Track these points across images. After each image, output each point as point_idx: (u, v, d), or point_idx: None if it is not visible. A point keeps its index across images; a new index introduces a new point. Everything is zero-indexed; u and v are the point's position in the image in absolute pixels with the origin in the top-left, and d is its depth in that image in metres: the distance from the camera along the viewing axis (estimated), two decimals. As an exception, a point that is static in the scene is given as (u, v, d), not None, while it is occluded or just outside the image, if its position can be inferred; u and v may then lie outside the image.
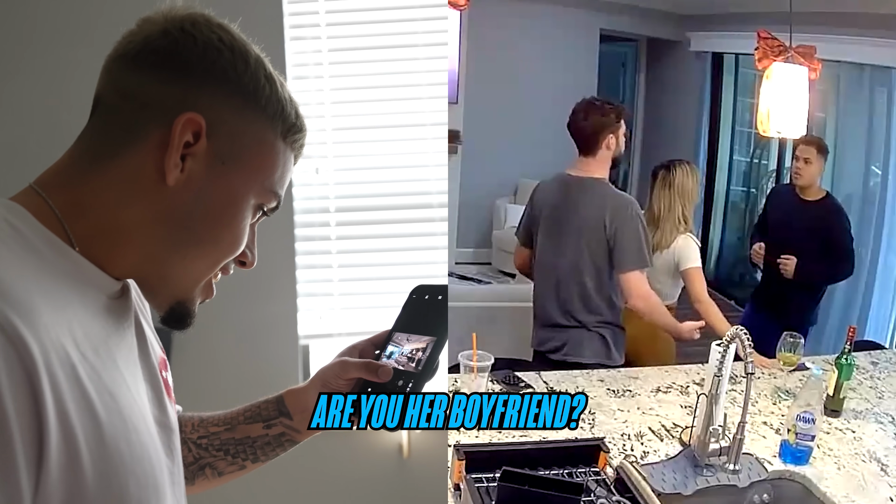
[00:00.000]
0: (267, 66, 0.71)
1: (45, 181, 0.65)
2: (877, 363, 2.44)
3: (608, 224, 2.27)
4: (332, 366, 0.89)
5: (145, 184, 0.65)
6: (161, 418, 0.72)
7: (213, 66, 0.67)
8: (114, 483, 0.59)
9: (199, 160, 0.66)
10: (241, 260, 0.75)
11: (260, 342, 2.23)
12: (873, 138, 4.36)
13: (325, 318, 2.31)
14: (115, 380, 0.62)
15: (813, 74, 2.32)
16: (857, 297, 4.27)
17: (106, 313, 0.66)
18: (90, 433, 0.57)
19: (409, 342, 0.89)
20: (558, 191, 2.41)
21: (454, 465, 1.45)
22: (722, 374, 1.56)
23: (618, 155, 2.37)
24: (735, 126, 6.16)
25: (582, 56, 6.36)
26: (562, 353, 2.38)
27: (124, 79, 0.67)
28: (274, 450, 0.92)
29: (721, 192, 6.40)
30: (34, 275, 0.58)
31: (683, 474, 1.56)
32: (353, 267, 2.32)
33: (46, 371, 0.53)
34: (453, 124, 5.23)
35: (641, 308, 2.28)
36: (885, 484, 1.61)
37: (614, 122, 2.31)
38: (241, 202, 0.71)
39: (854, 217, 4.39)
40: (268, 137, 0.71)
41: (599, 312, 2.36)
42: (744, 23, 4.88)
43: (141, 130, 0.65)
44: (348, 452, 2.24)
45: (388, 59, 2.28)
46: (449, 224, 3.86)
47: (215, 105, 0.67)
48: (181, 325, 0.73)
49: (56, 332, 0.56)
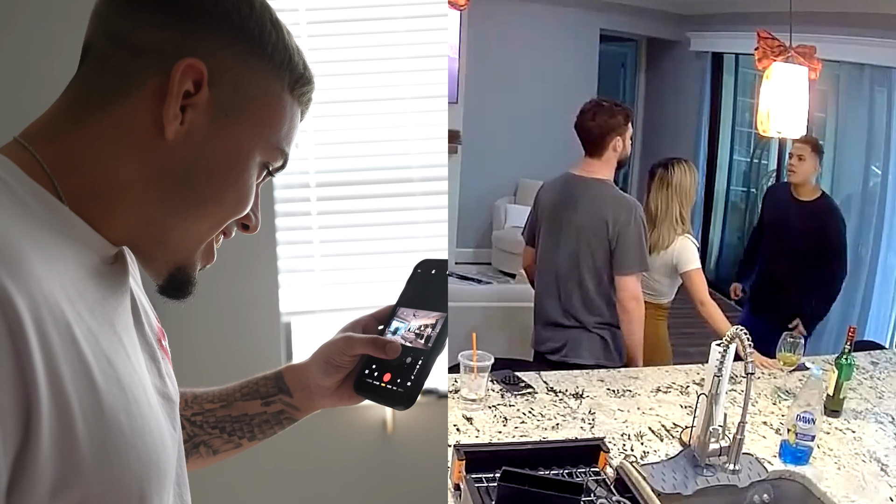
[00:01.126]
0: (272, 11, 0.65)
1: (32, 134, 0.59)
2: (877, 363, 2.44)
3: (611, 226, 2.27)
4: (336, 341, 0.85)
5: (141, 137, 0.60)
6: (162, 388, 0.67)
7: (215, 8, 0.61)
8: (113, 458, 0.54)
9: (201, 111, 0.61)
10: (244, 223, 0.69)
11: (242, 319, 2.20)
12: (873, 138, 4.36)
13: (307, 295, 2.29)
14: (112, 345, 0.57)
15: (813, 74, 2.32)
16: (857, 297, 4.27)
17: (100, 276, 0.60)
18: (87, 402, 0.51)
19: (415, 318, 0.85)
20: (562, 191, 2.41)
21: (454, 465, 1.45)
22: (722, 374, 1.56)
23: (623, 157, 2.37)
24: (735, 126, 6.17)
25: (582, 56, 6.37)
26: (561, 353, 2.38)
27: (116, 22, 0.61)
28: (272, 427, 0.88)
29: (721, 192, 6.40)
30: (22, 227, 0.52)
31: (683, 474, 1.55)
32: (335, 242, 2.30)
33: (36, 330, 0.48)
34: (453, 124, 5.22)
35: (632, 310, 2.29)
36: (885, 484, 1.61)
37: (622, 124, 2.31)
38: (247, 159, 0.65)
39: (854, 217, 4.40)
40: (274, 88, 0.65)
41: (599, 313, 2.36)
42: (744, 23, 4.88)
43: (136, 78, 0.59)
44: (349, 453, 2.24)
45: (386, 58, 2.26)
46: (449, 224, 3.86)
47: (217, 51, 0.61)
48: (181, 293, 0.67)
49: (49, 287, 0.50)
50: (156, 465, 0.59)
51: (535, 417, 1.87)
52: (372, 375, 0.83)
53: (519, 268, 4.64)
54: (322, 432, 1.48)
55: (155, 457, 0.59)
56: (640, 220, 2.29)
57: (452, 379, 1.96)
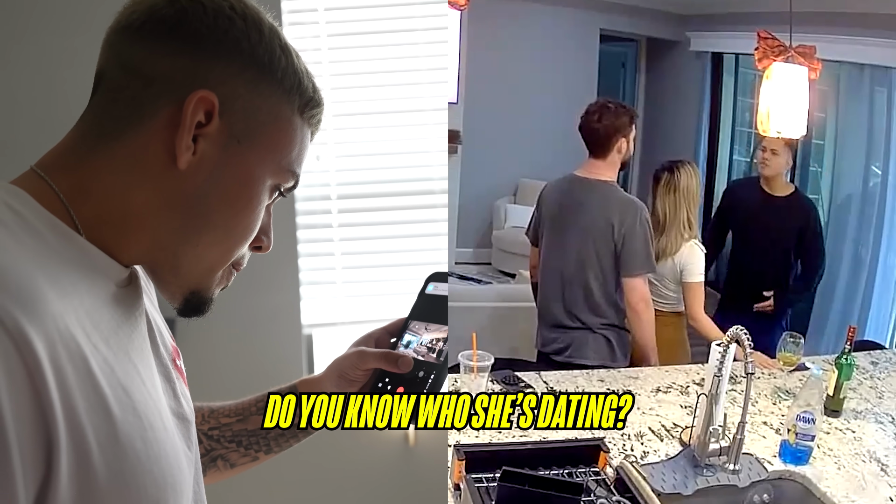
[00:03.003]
0: (282, 35, 0.67)
1: (48, 163, 0.61)
2: (877, 363, 2.44)
3: (617, 228, 2.26)
4: (349, 356, 0.86)
5: (154, 166, 0.61)
6: (178, 409, 0.69)
7: (225, 37, 0.62)
8: (130, 484, 0.55)
9: (212, 141, 0.62)
10: (255, 245, 0.71)
11: (263, 331, 2.21)
12: (873, 138, 4.35)
13: (329, 307, 2.30)
14: (128, 373, 0.59)
15: (813, 74, 2.32)
16: (857, 297, 4.27)
17: (115, 302, 0.61)
18: (103, 432, 0.53)
19: (427, 331, 0.86)
20: (565, 191, 2.41)
21: (454, 465, 1.45)
22: (722, 374, 1.56)
23: (626, 159, 2.36)
24: (735, 126, 6.16)
25: (582, 56, 6.36)
26: (566, 354, 2.37)
27: (128, 52, 0.62)
28: (288, 441, 0.90)
29: (721, 193, 6.39)
30: (38, 261, 0.54)
31: (683, 474, 1.55)
32: (356, 255, 2.30)
33: (52, 367, 0.49)
34: (453, 124, 5.22)
35: (642, 311, 2.28)
36: (885, 484, 1.61)
37: (627, 126, 2.30)
38: (257, 183, 0.66)
39: (854, 217, 4.40)
40: (284, 113, 0.67)
41: (604, 314, 2.36)
42: (744, 23, 4.88)
43: (148, 108, 0.61)
44: (349, 453, 2.24)
45: (389, 57, 2.25)
46: (449, 223, 3.86)
47: (228, 79, 0.62)
48: (198, 313, 0.69)
49: (65, 322, 0.52)
50: (172, 487, 0.61)
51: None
52: (385, 389, 0.84)
53: (519, 268, 4.65)
54: (336, 443, 1.49)
55: (171, 479, 0.61)
56: (646, 222, 2.28)
57: (452, 379, 1.96)
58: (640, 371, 2.26)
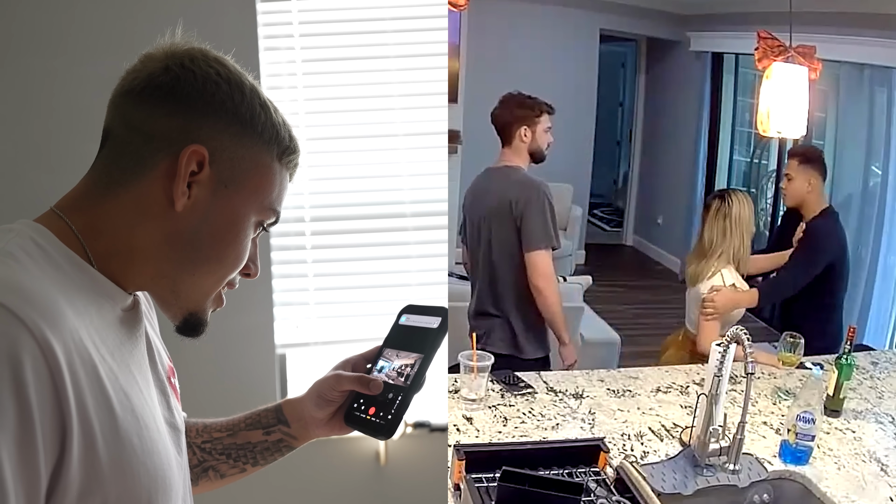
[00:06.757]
0: (261, 93, 0.77)
1: (65, 205, 0.72)
2: (877, 363, 2.44)
3: (514, 205, 2.32)
4: (328, 378, 0.96)
5: (155, 208, 0.72)
6: (170, 419, 0.80)
7: (213, 99, 0.73)
8: (127, 471, 0.66)
9: (204, 186, 0.73)
10: (245, 272, 0.82)
11: (237, 352, 2.21)
12: (873, 138, 4.35)
13: (302, 328, 2.30)
14: (128, 381, 0.70)
15: (813, 74, 2.32)
16: (857, 297, 4.27)
17: (119, 324, 0.73)
18: (106, 426, 0.64)
19: (398, 358, 0.95)
20: (477, 183, 2.52)
21: (454, 465, 1.45)
22: (722, 374, 1.56)
23: (536, 149, 2.42)
24: (735, 126, 6.16)
25: (582, 56, 6.36)
26: (482, 342, 2.36)
27: (131, 113, 0.73)
28: (273, 454, 0.99)
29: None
30: (58, 286, 0.65)
31: (683, 474, 1.56)
32: (329, 276, 2.31)
33: (69, 370, 0.60)
34: (453, 124, 5.21)
35: (543, 288, 2.30)
36: (885, 484, 1.61)
37: (531, 116, 2.38)
38: (243, 221, 0.77)
39: (854, 217, 4.40)
40: (265, 160, 0.77)
41: (511, 300, 2.39)
42: (744, 23, 4.88)
43: (149, 160, 0.72)
44: (349, 453, 2.24)
45: (387, 66, 2.25)
46: (449, 224, 3.85)
47: (216, 134, 0.73)
48: (195, 333, 0.80)
49: (79, 335, 0.63)
50: (162, 479, 0.71)
51: (535, 417, 1.87)
52: (359, 409, 0.93)
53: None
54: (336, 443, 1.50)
55: (161, 473, 0.71)
56: (546, 198, 2.32)
57: (452, 379, 1.97)
58: (640, 371, 2.26)
